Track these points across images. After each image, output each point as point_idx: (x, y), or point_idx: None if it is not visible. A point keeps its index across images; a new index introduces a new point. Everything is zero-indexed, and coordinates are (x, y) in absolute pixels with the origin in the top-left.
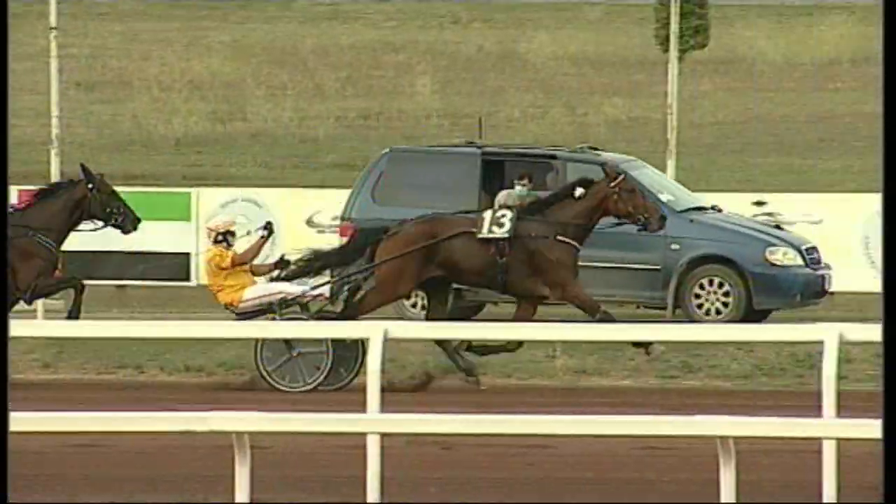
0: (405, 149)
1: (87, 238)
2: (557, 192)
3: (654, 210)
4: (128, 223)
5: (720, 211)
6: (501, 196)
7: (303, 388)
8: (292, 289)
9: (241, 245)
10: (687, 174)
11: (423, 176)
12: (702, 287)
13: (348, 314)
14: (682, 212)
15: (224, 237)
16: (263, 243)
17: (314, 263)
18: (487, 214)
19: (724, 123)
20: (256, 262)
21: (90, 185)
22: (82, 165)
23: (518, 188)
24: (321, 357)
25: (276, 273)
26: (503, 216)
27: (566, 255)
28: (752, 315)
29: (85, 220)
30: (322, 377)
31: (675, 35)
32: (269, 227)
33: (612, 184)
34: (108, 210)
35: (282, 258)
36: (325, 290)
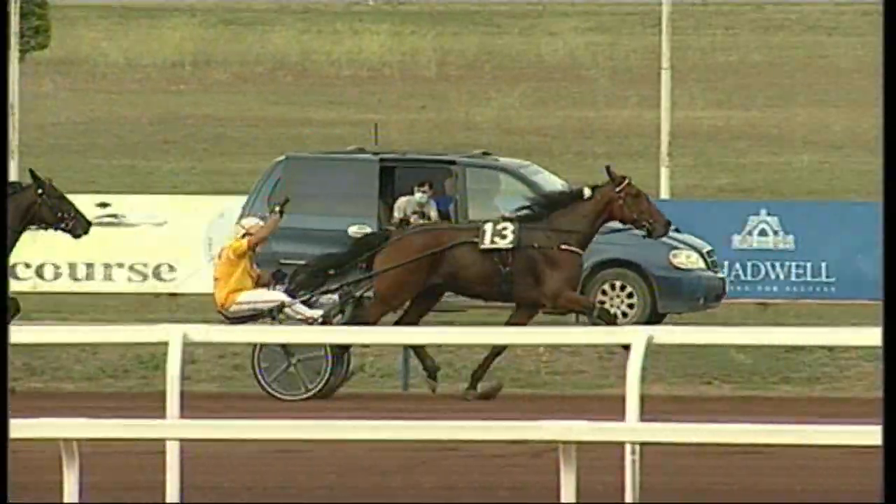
0: (301, 156)
1: None
2: (561, 196)
3: (660, 215)
4: (79, 227)
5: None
6: (401, 202)
7: (302, 397)
8: (287, 298)
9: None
10: (27, 177)
11: (321, 183)
12: (604, 293)
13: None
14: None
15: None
16: (278, 222)
17: (317, 279)
18: (489, 226)
19: (66, 124)
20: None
21: (39, 190)
22: (31, 171)
23: (418, 195)
24: (320, 363)
25: (281, 286)
26: (505, 228)
27: (568, 265)
28: (657, 318)
29: (35, 224)
30: (322, 384)
31: (15, 35)
32: (286, 200)
33: (618, 188)
34: (58, 214)
35: (278, 271)
36: (317, 314)
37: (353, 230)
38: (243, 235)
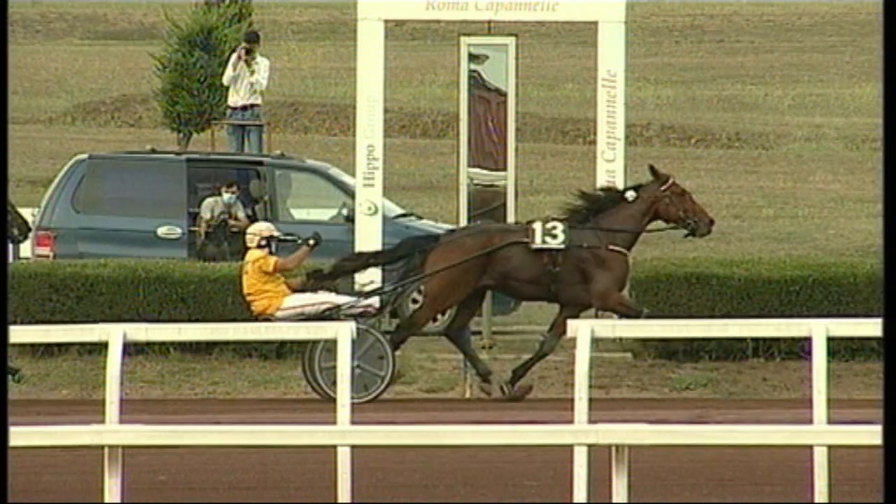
0: (106, 156)
1: None
2: (606, 198)
3: (704, 214)
4: (14, 229)
5: (420, 217)
6: (209, 203)
7: (365, 399)
8: (339, 299)
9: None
10: None
11: (127, 183)
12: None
13: (404, 330)
14: (394, 218)
15: (267, 242)
16: (307, 254)
17: (350, 263)
18: (538, 225)
19: None
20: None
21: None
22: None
23: (226, 196)
24: (381, 363)
25: (310, 283)
26: (554, 227)
27: (616, 266)
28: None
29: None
30: (384, 385)
31: None
32: (316, 239)
33: (663, 187)
34: None
35: (316, 270)
36: (375, 300)
37: (163, 231)
38: (258, 244)
